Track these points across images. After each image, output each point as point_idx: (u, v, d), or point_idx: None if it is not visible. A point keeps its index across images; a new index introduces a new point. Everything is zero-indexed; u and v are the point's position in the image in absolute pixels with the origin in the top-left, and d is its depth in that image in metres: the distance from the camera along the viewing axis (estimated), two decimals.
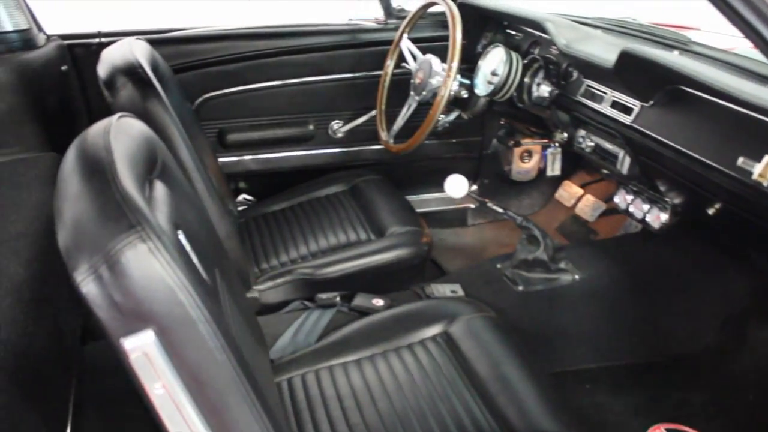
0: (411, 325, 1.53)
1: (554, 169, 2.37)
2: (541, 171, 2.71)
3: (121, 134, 0.96)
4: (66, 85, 2.16)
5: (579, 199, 2.68)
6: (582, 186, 2.71)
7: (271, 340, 1.66)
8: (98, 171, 0.81)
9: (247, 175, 2.55)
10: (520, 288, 1.99)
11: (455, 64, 1.88)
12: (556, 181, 2.78)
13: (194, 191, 1.61)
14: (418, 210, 2.50)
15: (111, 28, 2.28)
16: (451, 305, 1.59)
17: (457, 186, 1.95)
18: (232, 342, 0.88)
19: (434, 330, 1.51)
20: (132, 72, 1.56)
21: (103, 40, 2.21)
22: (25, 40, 2.01)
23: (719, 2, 0.99)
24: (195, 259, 1.03)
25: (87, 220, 0.76)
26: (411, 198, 2.64)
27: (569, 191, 2.73)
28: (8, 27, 1.96)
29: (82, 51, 2.22)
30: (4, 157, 1.92)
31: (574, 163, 2.69)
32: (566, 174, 2.74)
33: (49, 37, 2.16)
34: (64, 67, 2.14)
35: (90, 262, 0.73)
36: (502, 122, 2.66)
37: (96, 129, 0.95)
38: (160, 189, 1.08)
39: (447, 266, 2.48)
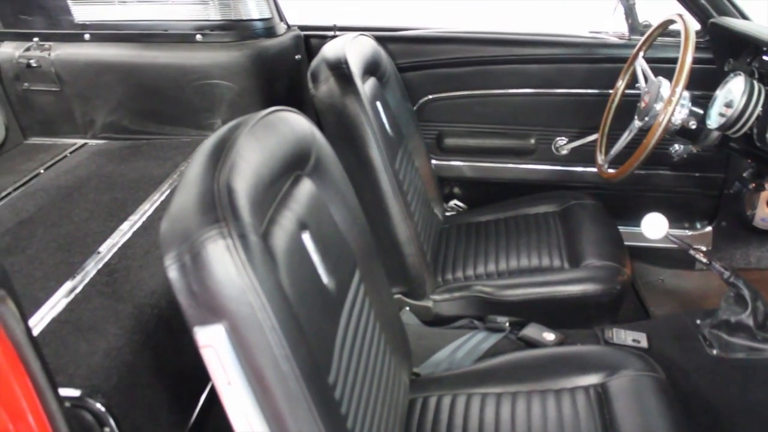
0: (568, 368, 1.40)
1: None
2: None
3: (265, 128, 0.98)
4: (297, 74, 2.29)
5: None
6: None
7: (428, 352, 1.63)
8: (213, 160, 0.84)
9: (462, 181, 2.52)
10: (715, 352, 1.72)
11: (680, 89, 1.67)
12: None
13: (374, 190, 1.63)
14: (639, 244, 2.31)
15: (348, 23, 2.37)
16: (618, 356, 1.42)
17: (654, 225, 1.74)
18: (309, 355, 0.86)
19: (591, 380, 1.36)
20: (336, 67, 1.61)
21: (337, 33, 2.30)
22: (267, 28, 2.17)
23: None
24: (316, 260, 1.03)
25: (186, 207, 0.79)
26: (632, 230, 2.44)
27: None
28: (255, 15, 2.13)
29: (317, 42, 2.33)
30: None
31: None
32: None
33: (289, 27, 2.31)
34: (298, 56, 2.27)
35: (178, 250, 0.76)
36: (749, 161, 2.33)
37: (243, 119, 0.98)
38: (306, 186, 1.09)
39: (654, 310, 2.24)
